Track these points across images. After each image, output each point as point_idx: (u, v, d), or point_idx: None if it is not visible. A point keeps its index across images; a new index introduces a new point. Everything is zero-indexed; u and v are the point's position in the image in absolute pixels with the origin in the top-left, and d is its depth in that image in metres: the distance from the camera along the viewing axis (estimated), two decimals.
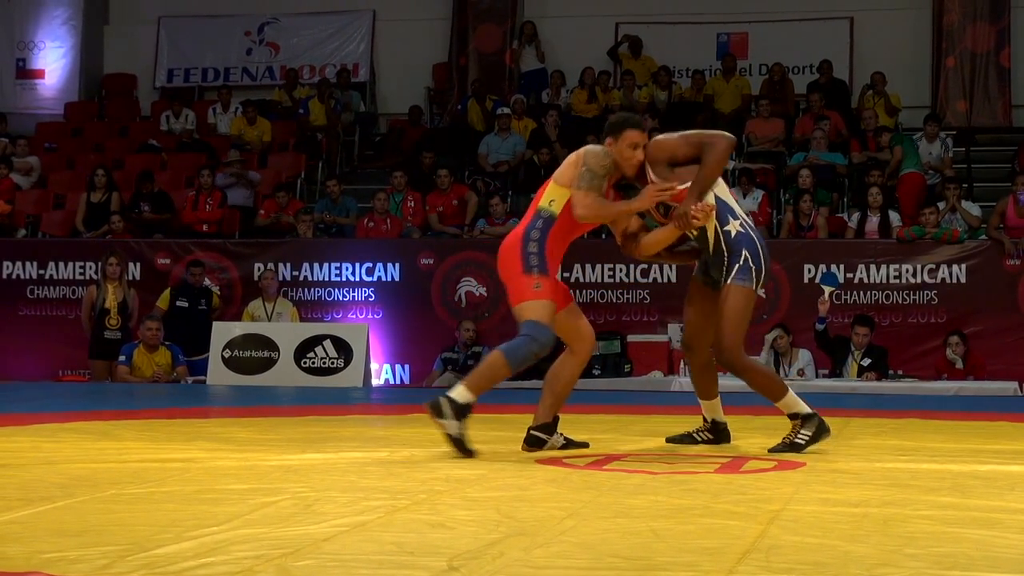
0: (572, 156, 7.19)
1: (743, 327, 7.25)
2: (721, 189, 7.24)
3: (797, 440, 7.29)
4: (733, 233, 7.17)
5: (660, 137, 7.35)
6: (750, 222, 7.35)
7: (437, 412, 6.85)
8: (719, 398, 7.76)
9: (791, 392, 7.42)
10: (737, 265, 7.18)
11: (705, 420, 7.76)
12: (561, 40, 21.22)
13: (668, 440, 7.68)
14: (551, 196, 7.16)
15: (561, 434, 7.45)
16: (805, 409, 7.37)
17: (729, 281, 7.19)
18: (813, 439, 7.29)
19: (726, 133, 7.28)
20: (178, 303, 16.18)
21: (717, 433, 7.72)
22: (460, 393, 6.93)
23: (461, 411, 6.92)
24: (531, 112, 19.87)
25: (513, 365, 7.10)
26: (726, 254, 7.16)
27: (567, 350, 7.48)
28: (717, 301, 7.28)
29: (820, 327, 14.84)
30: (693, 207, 6.98)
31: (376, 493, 5.50)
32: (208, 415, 10.56)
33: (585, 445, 7.47)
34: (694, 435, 7.71)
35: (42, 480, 5.86)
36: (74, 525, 4.60)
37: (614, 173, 7.19)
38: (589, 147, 7.21)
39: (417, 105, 20.88)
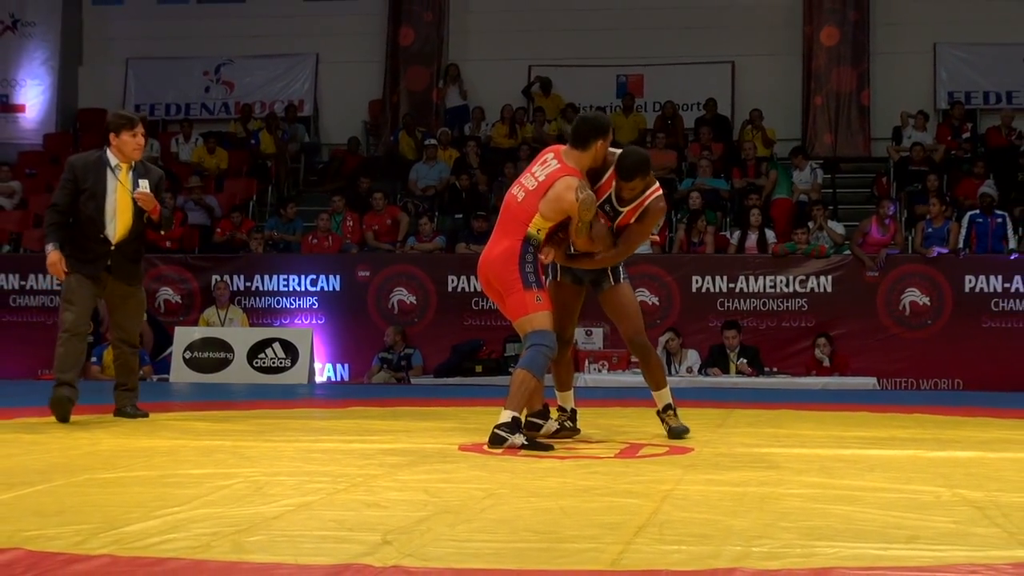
0: (554, 197, 6.99)
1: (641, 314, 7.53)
2: None
3: (675, 427, 7.38)
4: None
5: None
6: None
7: (500, 441, 6.72)
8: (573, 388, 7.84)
9: (668, 387, 7.54)
10: (621, 267, 7.42)
11: (563, 410, 7.71)
12: (481, 80, 21.22)
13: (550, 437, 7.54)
14: (538, 225, 7.06)
15: (554, 419, 7.52)
16: (671, 402, 7.56)
17: (621, 280, 7.41)
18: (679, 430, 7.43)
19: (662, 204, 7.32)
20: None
21: (574, 420, 7.71)
22: (503, 416, 6.82)
23: (514, 426, 6.82)
24: (455, 143, 19.86)
25: (538, 375, 6.99)
26: None
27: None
28: (579, 298, 7.51)
29: None
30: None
31: (319, 477, 5.48)
32: (171, 409, 10.46)
33: (577, 431, 7.52)
34: (564, 424, 7.64)
35: (22, 467, 5.80)
36: (51, 506, 4.56)
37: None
38: (576, 194, 6.93)
39: (355, 136, 20.83)
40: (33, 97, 22.15)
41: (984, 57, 20.44)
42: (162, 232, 9.13)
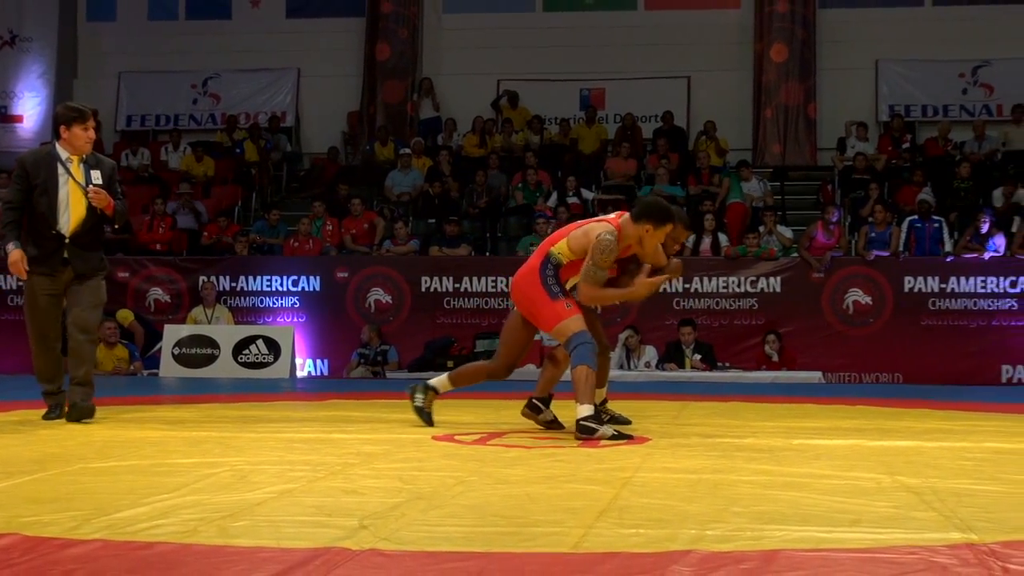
0: (583, 231, 7.05)
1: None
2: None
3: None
4: None
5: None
6: None
7: (591, 432, 6.77)
8: None
9: None
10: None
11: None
12: (453, 93, 21.20)
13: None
14: (560, 249, 7.10)
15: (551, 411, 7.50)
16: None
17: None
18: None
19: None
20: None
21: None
22: (583, 411, 6.85)
23: (597, 418, 6.92)
24: (428, 152, 19.83)
25: (593, 367, 6.96)
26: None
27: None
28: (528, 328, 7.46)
29: None
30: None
31: (300, 465, 5.47)
32: (160, 402, 10.44)
33: (561, 426, 7.43)
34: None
35: (19, 457, 5.77)
36: (47, 494, 4.53)
37: (618, 254, 7.12)
38: (600, 234, 6.98)
39: (334, 146, 20.80)
40: (31, 108, 22.02)
41: (922, 73, 20.53)
42: (116, 227, 8.67)
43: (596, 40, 20.96)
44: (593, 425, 6.79)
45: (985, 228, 15.97)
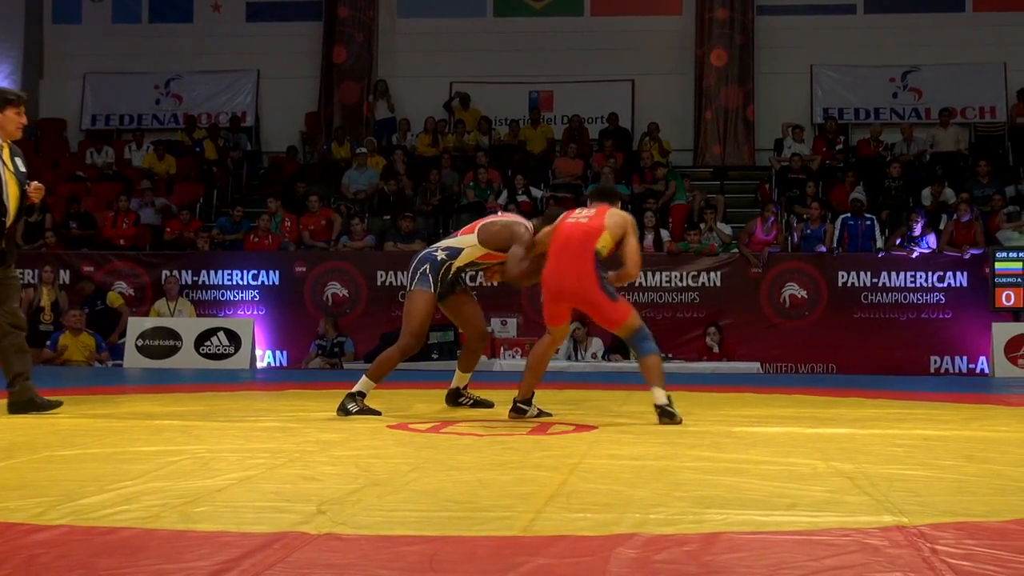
0: (616, 219, 7.35)
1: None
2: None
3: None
4: None
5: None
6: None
7: (671, 416, 7.08)
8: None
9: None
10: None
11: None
12: (407, 95, 21.14)
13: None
14: (604, 243, 7.27)
15: (536, 406, 7.52)
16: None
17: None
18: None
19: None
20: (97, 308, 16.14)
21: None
22: (657, 395, 7.16)
23: (667, 408, 7.12)
24: (383, 152, 19.77)
25: (659, 354, 7.41)
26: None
27: (548, 335, 7.55)
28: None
29: None
30: None
31: (260, 453, 5.44)
32: (124, 392, 10.36)
33: (550, 415, 7.51)
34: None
35: None
36: (14, 481, 4.49)
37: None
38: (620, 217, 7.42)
39: (293, 145, 20.69)
40: None
41: (855, 78, 20.68)
42: (30, 218, 7.98)
43: (545, 45, 21.00)
44: (674, 410, 7.08)
45: (918, 230, 16.09)
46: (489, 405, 8.02)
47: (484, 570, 3.12)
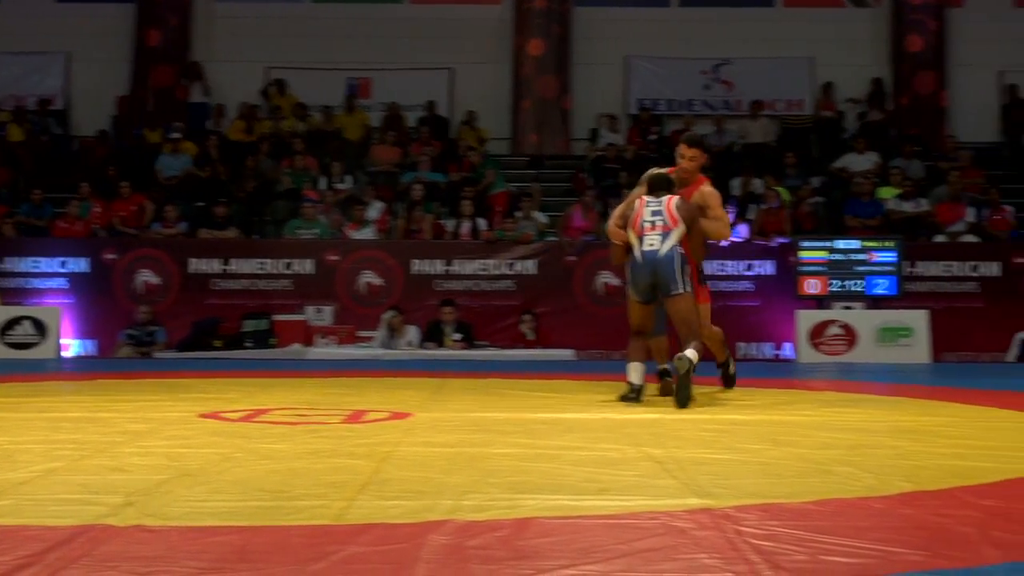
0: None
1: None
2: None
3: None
4: None
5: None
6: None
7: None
8: None
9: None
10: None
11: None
12: (222, 79, 20.83)
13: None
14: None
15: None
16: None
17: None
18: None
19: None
20: None
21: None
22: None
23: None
24: (196, 137, 19.44)
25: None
26: None
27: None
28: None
29: None
30: None
31: (66, 444, 5.31)
32: None
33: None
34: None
35: None
36: None
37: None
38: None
39: (104, 129, 20.21)
40: None
41: (669, 70, 21.07)
42: None
43: (363, 31, 20.92)
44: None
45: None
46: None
47: (296, 560, 3.10)
